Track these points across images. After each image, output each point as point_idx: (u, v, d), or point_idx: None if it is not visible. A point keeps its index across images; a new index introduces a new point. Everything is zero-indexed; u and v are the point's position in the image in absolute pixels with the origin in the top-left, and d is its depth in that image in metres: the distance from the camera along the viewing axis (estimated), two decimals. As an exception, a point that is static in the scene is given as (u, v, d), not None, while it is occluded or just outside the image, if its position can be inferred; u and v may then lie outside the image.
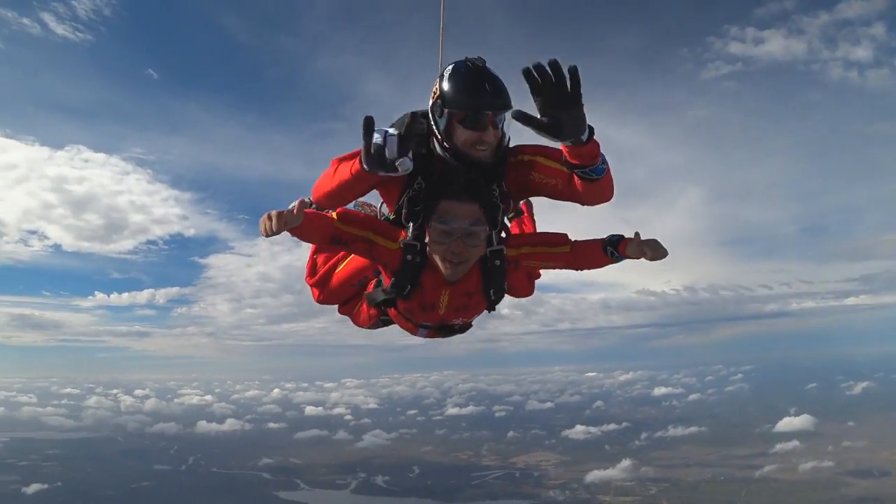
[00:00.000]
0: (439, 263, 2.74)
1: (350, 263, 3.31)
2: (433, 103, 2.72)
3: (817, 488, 55.67)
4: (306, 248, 3.57)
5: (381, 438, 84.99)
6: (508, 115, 2.63)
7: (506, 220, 3.10)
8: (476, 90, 2.56)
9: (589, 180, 2.57)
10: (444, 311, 2.98)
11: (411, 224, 2.79)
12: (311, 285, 3.51)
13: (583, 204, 2.80)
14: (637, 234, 2.81)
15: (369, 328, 3.55)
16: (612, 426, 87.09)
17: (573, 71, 2.17)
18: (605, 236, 2.93)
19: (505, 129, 2.73)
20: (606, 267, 3.03)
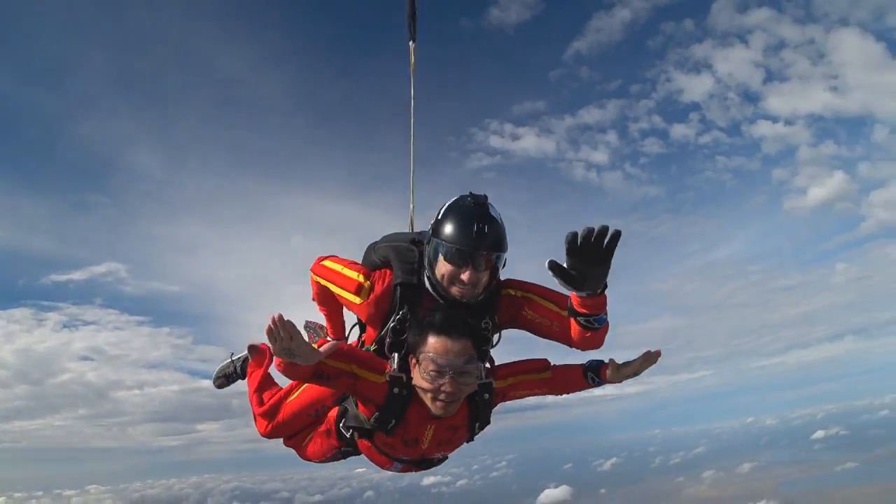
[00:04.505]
0: (429, 402, 2.57)
1: (305, 392, 3.19)
2: (429, 232, 2.74)
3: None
4: (104, 327, 1.44)
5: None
6: (503, 257, 2.71)
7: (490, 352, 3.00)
8: (469, 229, 2.57)
9: (590, 328, 2.58)
10: (426, 445, 2.79)
11: (395, 355, 2.71)
12: (258, 415, 3.38)
13: (571, 347, 2.79)
14: (613, 361, 2.80)
15: (322, 461, 3.38)
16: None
17: (616, 236, 2.23)
18: (584, 362, 2.90)
19: (498, 267, 2.74)
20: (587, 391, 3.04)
